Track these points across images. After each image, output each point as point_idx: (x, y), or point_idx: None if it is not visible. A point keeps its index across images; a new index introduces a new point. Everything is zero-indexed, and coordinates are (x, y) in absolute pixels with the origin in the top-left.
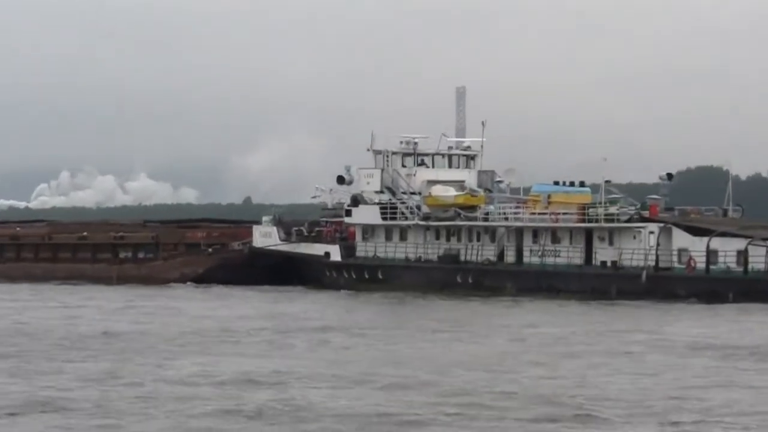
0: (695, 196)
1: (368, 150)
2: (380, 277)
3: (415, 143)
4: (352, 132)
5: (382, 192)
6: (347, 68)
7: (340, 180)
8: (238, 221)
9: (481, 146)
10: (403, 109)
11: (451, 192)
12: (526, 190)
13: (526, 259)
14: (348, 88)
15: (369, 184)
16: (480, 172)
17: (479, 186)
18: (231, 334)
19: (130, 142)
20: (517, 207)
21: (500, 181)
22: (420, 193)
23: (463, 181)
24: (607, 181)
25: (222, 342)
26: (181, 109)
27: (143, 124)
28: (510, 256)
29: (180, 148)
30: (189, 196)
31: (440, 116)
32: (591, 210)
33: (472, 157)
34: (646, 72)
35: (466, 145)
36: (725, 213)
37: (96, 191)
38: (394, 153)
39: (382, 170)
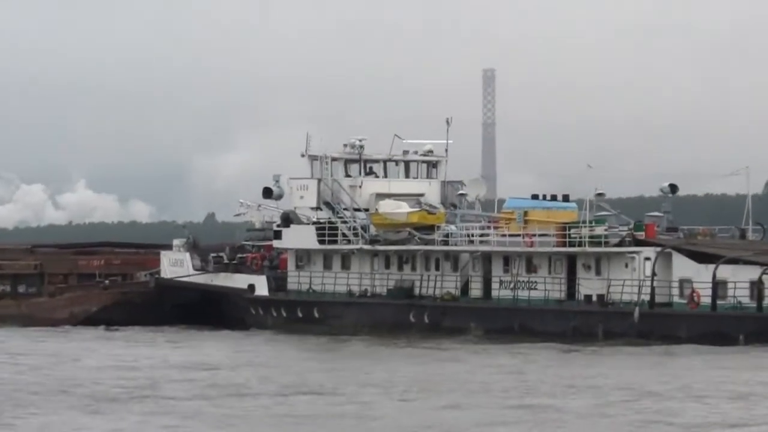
0: None
1: (303, 155)
2: (316, 316)
3: (361, 147)
4: (362, 123)
5: (319, 208)
6: (352, 40)
7: (267, 193)
8: (150, 245)
9: (446, 150)
10: (422, 97)
11: (403, 208)
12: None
13: (495, 293)
14: (353, 66)
15: (303, 198)
16: (444, 183)
17: (444, 200)
18: (84, 389)
19: (66, 142)
20: (486, 227)
21: (463, 194)
22: (368, 210)
23: (422, 195)
24: (599, 194)
25: (68, 400)
26: (133, 99)
27: (83, 117)
28: (476, 289)
29: (130, 150)
30: (140, 212)
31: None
32: (573, 231)
33: (435, 165)
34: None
35: (427, 149)
36: (743, 234)
37: (20, 206)
38: (334, 159)
39: (320, 181)
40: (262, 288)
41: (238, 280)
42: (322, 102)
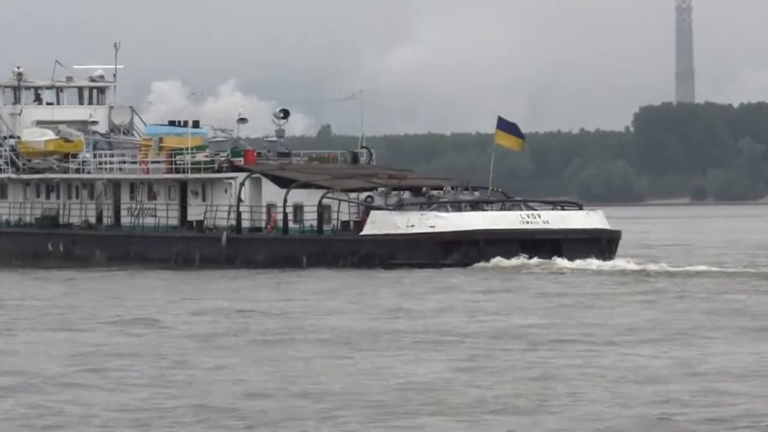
0: None
1: None
2: None
3: (20, 74)
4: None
5: None
6: None
7: None
8: None
9: (114, 75)
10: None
11: (46, 136)
12: None
13: (124, 220)
14: None
15: None
16: (115, 109)
17: (113, 127)
18: None
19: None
20: (124, 155)
21: (95, 122)
22: None
23: (86, 121)
24: (241, 119)
25: None
26: None
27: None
28: (107, 217)
29: (286, 47)
30: (295, 124)
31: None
32: (179, 158)
33: (103, 90)
34: None
35: (98, 74)
36: (355, 158)
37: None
38: (5, 87)
39: None
40: None
41: None
42: None
